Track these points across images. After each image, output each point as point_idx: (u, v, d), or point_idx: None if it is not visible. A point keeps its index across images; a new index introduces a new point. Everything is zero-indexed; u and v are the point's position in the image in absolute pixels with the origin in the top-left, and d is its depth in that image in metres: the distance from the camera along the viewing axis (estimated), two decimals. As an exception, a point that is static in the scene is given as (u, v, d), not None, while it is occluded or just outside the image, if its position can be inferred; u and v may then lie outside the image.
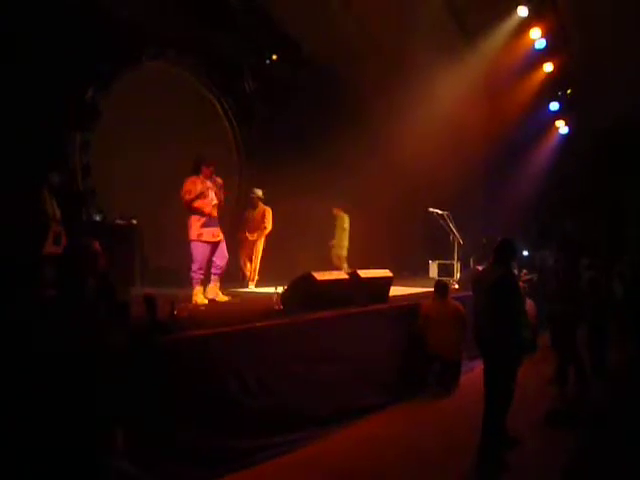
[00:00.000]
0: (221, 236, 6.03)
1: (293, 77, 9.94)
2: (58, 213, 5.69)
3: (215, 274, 6.03)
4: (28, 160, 5.82)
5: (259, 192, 8.03)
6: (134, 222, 7.38)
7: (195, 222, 5.82)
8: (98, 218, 7.08)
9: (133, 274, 6.99)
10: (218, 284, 6.06)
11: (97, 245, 3.06)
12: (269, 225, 7.94)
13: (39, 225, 5.38)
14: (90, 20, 6.71)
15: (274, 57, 9.69)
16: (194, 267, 5.82)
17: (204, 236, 5.82)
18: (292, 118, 9.78)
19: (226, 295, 6.14)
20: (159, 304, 3.93)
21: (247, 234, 7.96)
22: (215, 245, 5.95)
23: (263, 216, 7.95)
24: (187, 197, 5.78)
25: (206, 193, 5.89)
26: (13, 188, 5.30)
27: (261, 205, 8.00)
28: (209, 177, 6.01)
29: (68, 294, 2.97)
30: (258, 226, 7.95)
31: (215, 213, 5.97)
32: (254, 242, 7.95)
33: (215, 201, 5.96)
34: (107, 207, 7.29)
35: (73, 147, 7.07)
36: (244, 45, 9.20)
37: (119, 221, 7.29)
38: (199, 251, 5.82)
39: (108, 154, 7.24)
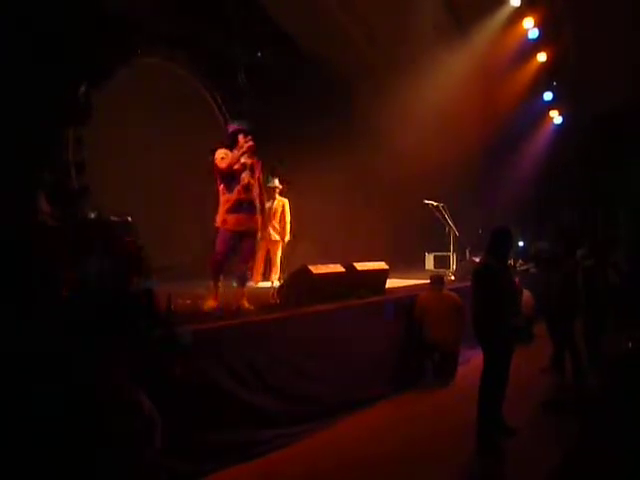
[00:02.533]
0: (252, 226, 5.09)
1: (287, 71, 9.89)
2: (52, 210, 5.65)
3: (238, 277, 5.17)
4: (20, 157, 5.78)
5: (275, 181, 7.06)
6: (129, 219, 7.34)
7: (222, 206, 5.02)
8: (93, 215, 7.04)
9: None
10: (243, 289, 5.14)
11: (135, 243, 3.18)
12: (287, 218, 7.16)
13: (33, 223, 5.35)
14: (83, 16, 6.67)
15: (267, 52, 9.63)
16: (214, 256, 5.05)
17: (228, 223, 4.99)
18: (286, 112, 9.74)
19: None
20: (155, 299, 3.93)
21: (270, 231, 7.08)
22: (241, 237, 5.05)
23: (282, 210, 7.16)
24: (222, 165, 4.92)
25: (238, 171, 5.01)
26: (5, 185, 5.26)
27: (278, 197, 7.11)
28: (247, 153, 5.01)
29: (114, 290, 3.04)
30: (279, 222, 7.16)
31: (247, 196, 5.03)
32: (277, 242, 7.18)
33: (251, 181, 5.05)
34: (102, 204, 7.26)
35: (66, 143, 7.03)
36: (237, 40, 9.15)
37: (114, 218, 7.25)
38: (220, 238, 5.00)
39: (101, 150, 7.21)
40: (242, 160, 5.04)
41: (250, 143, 5.08)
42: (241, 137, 5.12)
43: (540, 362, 6.37)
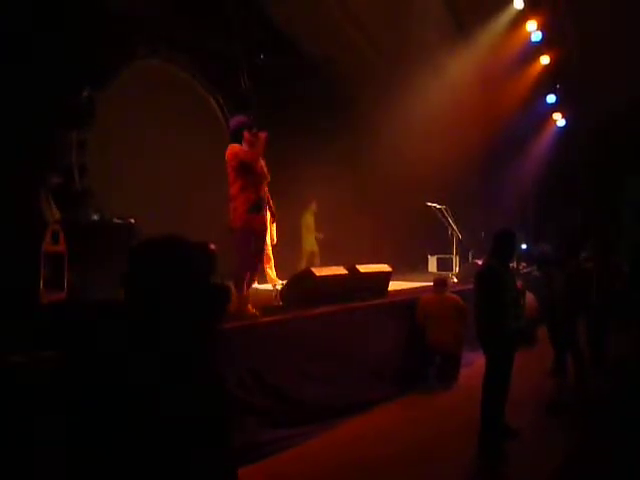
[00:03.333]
0: (267, 227, 4.93)
1: (289, 73, 9.92)
2: (56, 212, 5.68)
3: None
4: (24, 159, 5.81)
5: None
6: (132, 221, 7.37)
7: (241, 205, 4.59)
8: (96, 217, 7.07)
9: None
10: (247, 293, 4.76)
11: (213, 246, 3.24)
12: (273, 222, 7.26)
13: (37, 224, 5.37)
14: (85, 18, 6.70)
15: (268, 53, 9.66)
16: (242, 265, 4.60)
17: (253, 223, 4.61)
18: (288, 114, 9.76)
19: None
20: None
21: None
22: (260, 235, 4.79)
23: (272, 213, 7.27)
24: (248, 157, 4.56)
25: (254, 164, 4.65)
26: (9, 188, 5.29)
27: None
28: (260, 151, 4.66)
29: (199, 290, 3.10)
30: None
31: (264, 194, 4.83)
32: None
33: (267, 178, 4.85)
34: (104, 206, 7.29)
35: (69, 146, 7.06)
36: (239, 42, 9.17)
37: (117, 220, 7.27)
38: (247, 241, 4.60)
39: (104, 152, 7.24)
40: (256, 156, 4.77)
41: (264, 134, 4.79)
42: (246, 132, 4.81)
43: (543, 365, 6.35)
